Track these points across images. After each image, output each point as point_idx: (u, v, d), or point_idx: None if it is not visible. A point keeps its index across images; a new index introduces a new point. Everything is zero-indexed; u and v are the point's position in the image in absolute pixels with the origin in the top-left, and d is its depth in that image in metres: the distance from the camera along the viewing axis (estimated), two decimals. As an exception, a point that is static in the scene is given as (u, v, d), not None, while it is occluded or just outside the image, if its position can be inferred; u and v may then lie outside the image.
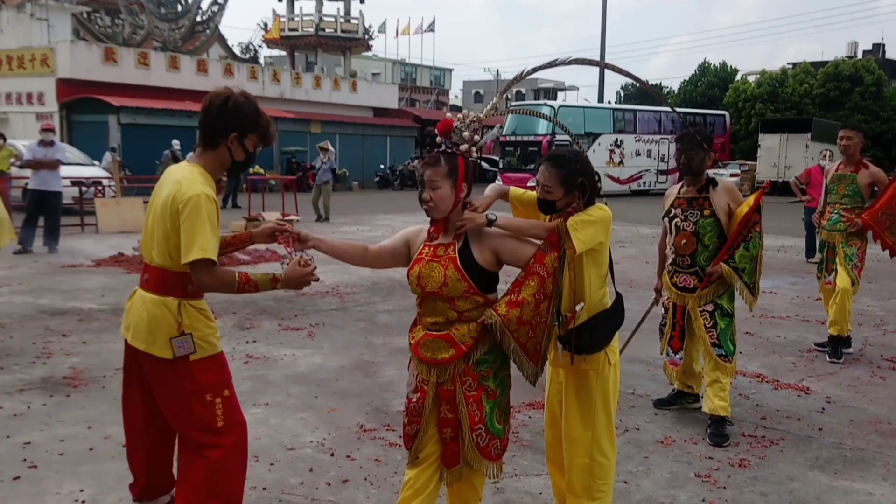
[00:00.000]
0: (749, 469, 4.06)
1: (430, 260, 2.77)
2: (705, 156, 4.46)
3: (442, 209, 2.73)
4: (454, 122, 2.77)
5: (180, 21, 31.73)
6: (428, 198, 2.72)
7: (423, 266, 2.77)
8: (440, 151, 2.77)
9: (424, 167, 2.73)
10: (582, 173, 2.93)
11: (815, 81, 42.52)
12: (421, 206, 2.77)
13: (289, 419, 4.67)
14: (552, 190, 2.97)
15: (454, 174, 2.72)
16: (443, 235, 2.81)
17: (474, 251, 2.75)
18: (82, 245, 12.26)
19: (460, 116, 2.78)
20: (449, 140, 2.77)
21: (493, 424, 2.79)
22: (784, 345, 6.79)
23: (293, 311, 7.73)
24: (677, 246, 4.56)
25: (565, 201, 2.96)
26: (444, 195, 2.71)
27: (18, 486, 3.65)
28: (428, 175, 2.71)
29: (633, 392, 5.34)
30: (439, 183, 2.70)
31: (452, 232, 2.79)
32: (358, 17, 39.68)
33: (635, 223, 18.45)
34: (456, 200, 2.74)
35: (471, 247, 2.76)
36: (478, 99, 71.70)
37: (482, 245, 2.76)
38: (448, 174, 2.71)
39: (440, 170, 2.71)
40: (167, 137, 22.62)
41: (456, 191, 2.73)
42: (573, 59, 3.13)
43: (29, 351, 5.96)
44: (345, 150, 34.90)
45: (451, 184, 2.71)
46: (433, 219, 2.79)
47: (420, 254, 2.83)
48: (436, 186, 2.70)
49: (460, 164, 2.74)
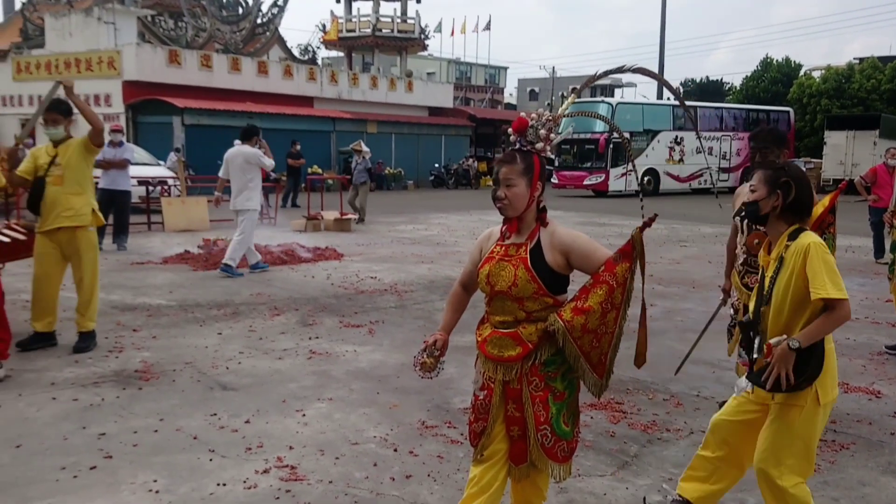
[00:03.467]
0: (819, 474, 3.96)
1: (500, 259, 2.76)
2: (780, 154, 4.39)
3: (517, 207, 2.72)
4: (530, 120, 2.77)
5: (241, 23, 32.40)
6: (503, 196, 2.71)
7: (493, 265, 2.76)
8: (515, 149, 2.76)
9: (500, 165, 2.73)
10: (788, 175, 2.93)
11: (884, 76, 41.12)
12: (494, 204, 2.75)
13: (352, 414, 4.74)
14: (756, 188, 3.00)
15: (530, 172, 2.71)
16: (515, 235, 2.79)
17: (546, 252, 2.72)
18: (150, 243, 12.62)
19: (535, 116, 2.78)
20: (524, 138, 2.76)
21: (559, 426, 2.77)
22: (854, 347, 6.61)
23: (353, 308, 7.83)
24: (749, 246, 4.47)
25: (769, 203, 2.96)
26: (519, 193, 2.70)
27: (95, 475, 3.79)
28: (504, 173, 2.70)
29: (697, 394, 5.26)
30: (515, 181, 2.69)
31: (526, 231, 2.78)
32: (414, 17, 39.88)
33: (697, 222, 18.14)
34: (530, 199, 2.73)
35: (542, 248, 2.73)
36: (533, 97, 71.33)
37: (553, 246, 2.73)
38: (524, 172, 2.70)
39: (516, 168, 2.70)
40: (229, 138, 22.98)
41: (531, 189, 2.71)
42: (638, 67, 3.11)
43: (102, 345, 6.15)
44: (400, 150, 35.17)
45: (526, 182, 2.70)
46: (507, 217, 2.77)
47: (491, 252, 2.82)
48: (511, 184, 2.69)
49: (535, 163, 2.74)
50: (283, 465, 3.94)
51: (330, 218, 15.65)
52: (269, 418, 4.64)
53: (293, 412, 4.75)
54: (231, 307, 7.75)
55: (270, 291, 8.62)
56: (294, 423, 4.58)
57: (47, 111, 5.94)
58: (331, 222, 15.49)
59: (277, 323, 7.13)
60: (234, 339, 6.49)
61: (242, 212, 9.69)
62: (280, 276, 9.76)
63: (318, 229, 15.16)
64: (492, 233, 2.93)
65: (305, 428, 4.49)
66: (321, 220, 15.53)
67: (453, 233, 15.53)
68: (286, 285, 9.06)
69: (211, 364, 5.74)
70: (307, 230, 14.83)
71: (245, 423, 4.53)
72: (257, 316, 7.39)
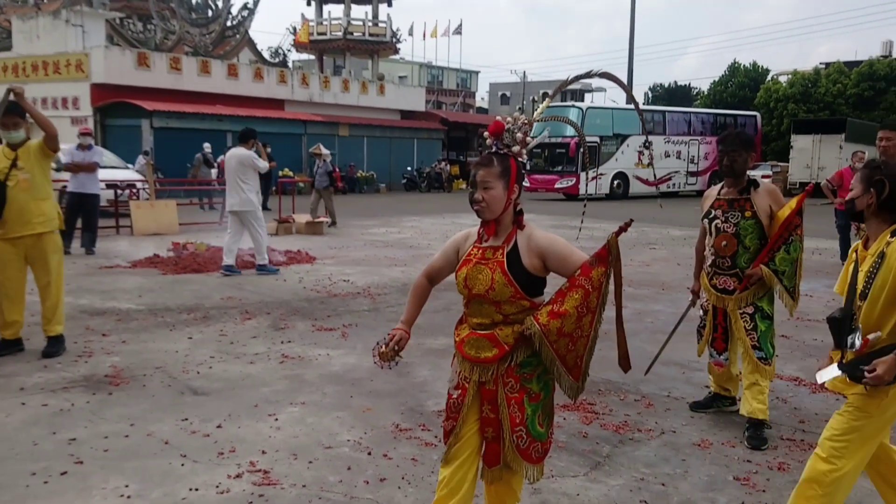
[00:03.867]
0: (789, 473, 4.02)
1: (478, 262, 2.76)
2: (748, 157, 4.45)
3: (494, 210, 2.72)
4: (506, 123, 2.78)
5: (211, 26, 32.16)
6: (480, 198, 2.71)
7: (470, 268, 2.76)
8: (492, 152, 2.77)
9: (477, 168, 2.73)
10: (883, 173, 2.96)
11: (849, 81, 41.95)
12: (472, 206, 2.76)
13: (325, 418, 4.72)
14: (854, 186, 3.04)
15: (506, 175, 2.71)
16: (493, 238, 2.79)
17: (522, 256, 2.73)
18: (118, 247, 12.47)
19: (511, 119, 2.79)
20: (500, 141, 2.77)
21: (534, 427, 2.78)
22: (821, 348, 6.71)
23: (326, 312, 7.80)
24: (717, 247, 4.53)
25: (863, 201, 3.00)
26: (496, 196, 2.70)
27: (66, 480, 3.73)
28: (481, 176, 2.71)
29: (668, 395, 5.32)
30: (492, 184, 2.69)
31: (503, 234, 2.78)
32: (386, 21, 39.92)
33: (666, 225, 18.32)
34: (507, 202, 2.73)
35: (519, 251, 2.74)
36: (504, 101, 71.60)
37: (530, 250, 2.73)
38: (501, 175, 2.70)
39: (493, 170, 2.70)
40: (198, 141, 22.92)
41: (508, 192, 2.72)
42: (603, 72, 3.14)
43: (71, 350, 6.07)
44: (372, 153, 35.15)
45: (503, 185, 2.70)
46: (484, 220, 2.78)
47: (469, 255, 2.82)
48: (489, 187, 2.70)
49: (512, 166, 2.74)
50: (255, 470, 3.91)
51: (301, 221, 15.58)
52: (242, 423, 4.60)
53: (266, 416, 4.72)
54: (201, 311, 7.68)
55: (241, 295, 8.56)
56: (267, 427, 4.55)
57: (6, 115, 5.78)
58: (302, 225, 15.42)
59: (249, 327, 7.09)
60: (204, 344, 6.43)
61: (243, 213, 9.93)
62: (251, 279, 9.70)
63: (289, 232, 15.09)
64: (469, 234, 2.92)
65: (278, 432, 4.47)
66: (293, 224, 15.46)
67: (426, 236, 15.54)
68: (258, 289, 9.00)
69: (182, 368, 5.68)
70: (278, 233, 14.75)
71: (217, 428, 4.49)
72: (228, 320, 7.33)
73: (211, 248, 11.75)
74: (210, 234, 14.26)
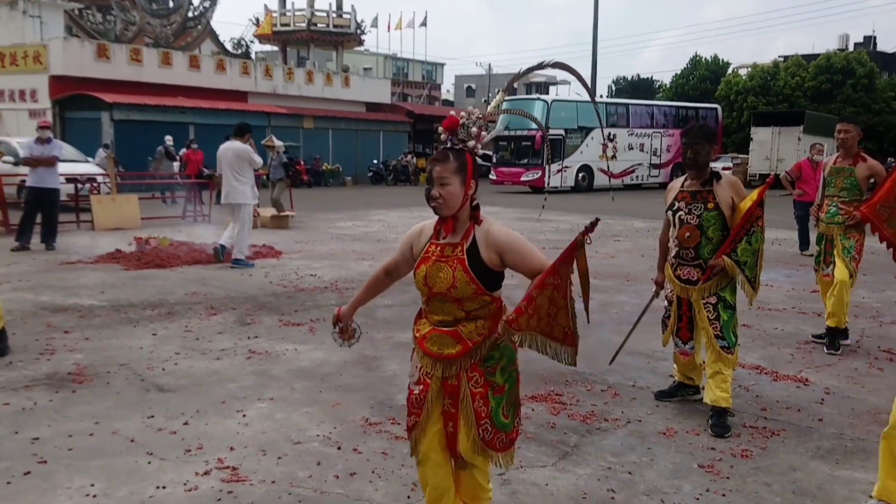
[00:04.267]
0: (751, 459, 4.11)
1: (437, 260, 2.73)
2: (710, 150, 4.52)
3: (451, 206, 2.70)
4: (461, 118, 2.76)
5: (172, 17, 31.61)
6: (437, 195, 2.68)
7: (429, 266, 2.74)
8: (448, 148, 2.74)
9: (433, 164, 2.70)
10: None
11: (807, 74, 42.71)
12: (429, 203, 2.73)
13: (294, 413, 4.70)
14: None
15: (463, 170, 2.69)
16: (451, 234, 2.76)
17: (481, 251, 2.71)
18: (79, 242, 12.25)
19: (465, 114, 2.77)
20: (456, 137, 2.75)
21: (499, 419, 2.79)
22: (782, 337, 6.85)
23: (293, 306, 7.76)
24: (681, 239, 4.60)
25: None
26: (453, 192, 2.68)
27: (30, 480, 3.68)
28: (437, 171, 2.68)
29: (633, 384, 5.39)
30: (449, 179, 2.67)
31: (461, 230, 2.76)
32: (350, 12, 39.61)
33: (629, 217, 18.51)
34: (465, 197, 2.71)
35: (478, 246, 2.72)
36: (470, 93, 71.57)
37: (489, 245, 2.71)
38: (457, 170, 2.68)
39: (449, 166, 2.67)
40: (160, 133, 22.60)
41: (465, 187, 2.70)
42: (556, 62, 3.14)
43: (32, 348, 5.96)
44: (337, 146, 34.93)
45: (460, 180, 2.68)
46: (441, 216, 2.75)
47: (426, 252, 2.79)
48: (445, 183, 2.67)
49: (468, 161, 2.72)
50: (224, 467, 3.89)
51: (267, 215, 15.44)
52: (209, 419, 4.57)
53: (233, 413, 4.69)
54: (166, 307, 7.60)
55: (206, 290, 8.48)
56: (234, 423, 4.52)
57: None
58: (268, 219, 15.29)
59: (214, 322, 7.02)
60: (169, 340, 6.36)
61: (237, 206, 10.13)
62: (216, 274, 9.60)
63: (254, 227, 14.92)
64: (423, 229, 2.89)
65: (246, 428, 4.44)
66: (258, 218, 15.29)
67: (393, 229, 15.50)
68: (223, 284, 8.92)
69: (146, 365, 5.62)
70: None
71: (184, 425, 4.45)
72: (193, 315, 7.26)
73: (174, 242, 11.61)
74: (173, 228, 14.09)
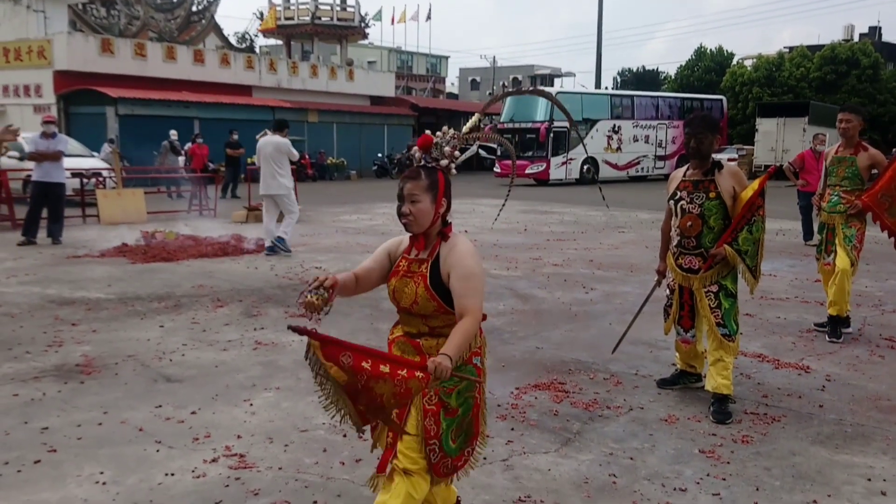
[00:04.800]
0: (752, 445, 4.15)
1: (404, 275, 2.75)
2: (713, 140, 4.55)
3: (421, 223, 2.71)
4: (434, 137, 2.77)
5: (176, 11, 31.71)
6: (408, 212, 2.70)
7: (398, 280, 2.76)
8: (420, 166, 2.75)
9: (405, 181, 2.71)
10: None
11: (812, 65, 42.60)
12: (399, 220, 2.75)
13: (300, 402, 4.76)
14: None
15: (434, 188, 2.70)
16: (421, 251, 2.78)
17: (441, 268, 2.71)
18: (86, 236, 12.33)
19: (440, 133, 2.79)
20: (429, 155, 2.77)
21: (447, 443, 2.74)
22: (784, 325, 6.89)
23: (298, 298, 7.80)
24: (683, 228, 4.63)
25: None
26: (423, 209, 2.69)
27: (40, 469, 3.74)
28: (408, 189, 2.69)
29: (636, 373, 5.43)
30: (420, 197, 2.68)
31: (430, 247, 2.77)
32: (354, 5, 39.58)
33: (634, 209, 18.51)
34: (435, 215, 2.72)
35: (440, 263, 2.72)
36: (474, 86, 71.57)
37: (446, 262, 2.71)
38: (428, 188, 2.69)
39: (421, 184, 2.69)
40: (165, 128, 22.67)
41: (436, 205, 2.71)
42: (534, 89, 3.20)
43: (40, 340, 6.04)
44: (342, 139, 34.98)
45: (430, 198, 2.69)
46: (412, 233, 2.77)
47: (397, 266, 2.81)
48: (416, 200, 2.68)
49: (440, 179, 2.73)
50: (231, 454, 3.95)
51: (272, 208, 15.47)
52: (216, 409, 4.63)
53: (240, 402, 4.75)
54: (172, 300, 7.66)
55: (213, 283, 8.54)
56: (241, 412, 4.58)
57: None
58: (273, 213, 15.32)
59: (221, 314, 7.08)
60: (176, 332, 6.42)
61: (278, 196, 10.66)
62: (222, 267, 9.67)
63: (259, 220, 14.97)
64: (402, 241, 2.91)
65: (253, 417, 4.50)
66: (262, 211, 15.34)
67: (398, 222, 15.50)
68: (229, 277, 8.98)
69: (154, 356, 5.68)
70: (248, 221, 14.66)
71: (191, 415, 4.52)
72: (200, 308, 7.32)
73: (180, 236, 11.67)
74: (179, 222, 14.16)
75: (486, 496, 3.54)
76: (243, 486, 3.60)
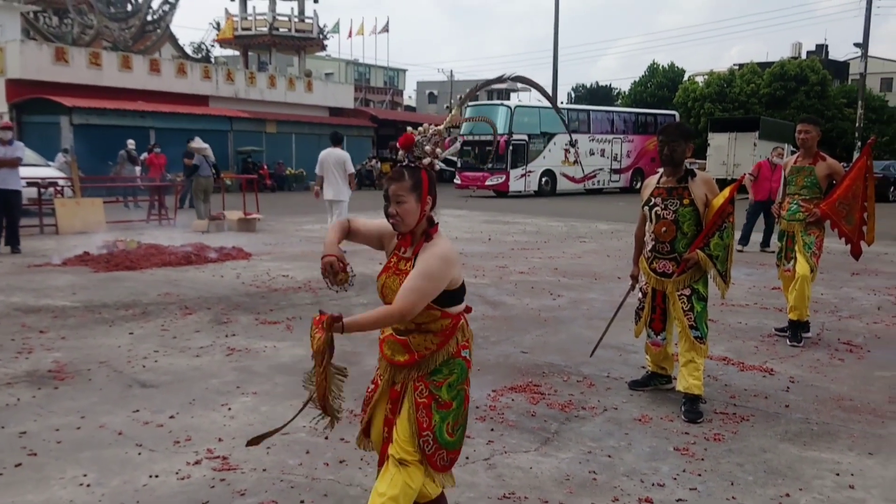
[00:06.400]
0: (724, 442, 4.30)
1: (393, 272, 2.82)
2: (686, 147, 4.71)
3: (408, 223, 2.75)
4: (416, 136, 2.80)
5: (130, 21, 31.27)
6: (394, 212, 2.74)
7: (387, 276, 2.83)
8: (403, 166, 2.78)
9: (389, 182, 2.75)
10: None
11: (762, 81, 43.69)
12: (387, 220, 2.80)
13: (278, 406, 4.77)
14: None
15: (418, 188, 2.74)
16: (408, 249, 2.83)
17: None
18: (45, 245, 12.11)
19: (421, 130, 2.82)
20: (411, 154, 2.79)
21: (442, 435, 2.78)
22: (745, 330, 7.09)
23: (268, 306, 7.80)
24: (657, 233, 4.78)
25: None
26: (409, 209, 2.73)
27: (22, 472, 3.70)
28: (393, 190, 2.73)
29: (608, 375, 5.55)
30: (405, 197, 2.72)
31: (414, 245, 2.81)
32: (312, 17, 39.55)
33: (594, 220, 18.79)
34: (421, 213, 2.76)
35: None
36: (432, 100, 71.87)
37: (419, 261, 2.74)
38: (412, 188, 2.73)
39: (405, 184, 2.73)
40: (120, 138, 22.36)
41: (421, 204, 2.75)
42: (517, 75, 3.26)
43: (9, 347, 5.94)
44: (301, 150, 34.77)
45: (415, 197, 2.73)
46: (399, 232, 2.82)
47: (388, 262, 2.88)
48: (401, 201, 2.72)
49: (424, 178, 2.77)
50: (214, 456, 3.95)
51: (233, 218, 15.41)
52: (194, 413, 4.62)
53: (218, 406, 4.74)
54: (139, 307, 7.59)
55: (179, 291, 8.47)
56: (220, 416, 4.57)
57: None
58: (234, 222, 15.26)
59: (190, 322, 7.04)
60: (146, 339, 6.37)
61: (337, 202, 11.80)
62: (187, 276, 9.59)
63: (221, 229, 14.90)
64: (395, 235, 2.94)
65: (232, 421, 4.50)
66: (224, 221, 15.28)
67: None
68: (194, 285, 8.91)
69: (126, 362, 5.63)
70: (210, 231, 14.56)
71: (170, 419, 4.50)
72: (168, 315, 7.26)
73: (142, 245, 11.53)
74: (139, 231, 13.98)
75: (470, 494, 3.61)
76: (229, 487, 3.61)
